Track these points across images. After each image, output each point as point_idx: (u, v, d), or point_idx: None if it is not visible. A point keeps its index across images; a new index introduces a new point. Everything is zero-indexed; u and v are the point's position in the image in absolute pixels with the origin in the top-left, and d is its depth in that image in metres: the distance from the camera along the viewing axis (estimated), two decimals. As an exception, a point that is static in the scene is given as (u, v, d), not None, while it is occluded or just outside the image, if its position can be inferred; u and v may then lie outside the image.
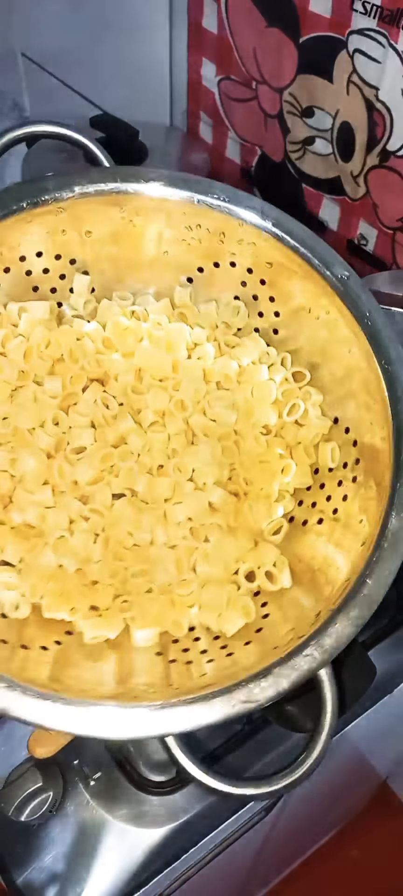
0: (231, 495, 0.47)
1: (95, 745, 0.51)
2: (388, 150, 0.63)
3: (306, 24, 0.63)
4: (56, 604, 0.41)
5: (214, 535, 0.45)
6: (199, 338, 0.52)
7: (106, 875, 0.47)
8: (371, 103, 0.62)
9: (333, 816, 1.09)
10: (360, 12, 0.58)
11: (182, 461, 0.47)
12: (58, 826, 0.48)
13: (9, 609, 0.41)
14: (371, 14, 0.57)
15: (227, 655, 0.40)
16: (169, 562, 0.44)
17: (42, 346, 0.49)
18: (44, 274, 0.50)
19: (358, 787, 1.07)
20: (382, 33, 0.57)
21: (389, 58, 0.58)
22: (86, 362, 0.49)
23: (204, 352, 0.51)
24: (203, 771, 0.37)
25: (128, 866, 0.48)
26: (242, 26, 0.70)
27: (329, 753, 0.38)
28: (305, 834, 1.01)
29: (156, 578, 0.43)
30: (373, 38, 0.58)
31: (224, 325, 0.52)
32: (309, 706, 0.49)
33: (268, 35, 0.67)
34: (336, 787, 0.86)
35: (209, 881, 0.63)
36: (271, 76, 0.70)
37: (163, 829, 0.49)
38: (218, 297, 0.53)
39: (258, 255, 0.49)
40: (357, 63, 0.61)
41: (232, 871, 0.75)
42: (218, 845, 0.55)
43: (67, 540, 0.44)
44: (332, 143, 0.68)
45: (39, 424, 0.46)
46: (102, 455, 0.46)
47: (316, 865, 1.13)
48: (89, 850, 0.48)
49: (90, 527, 0.44)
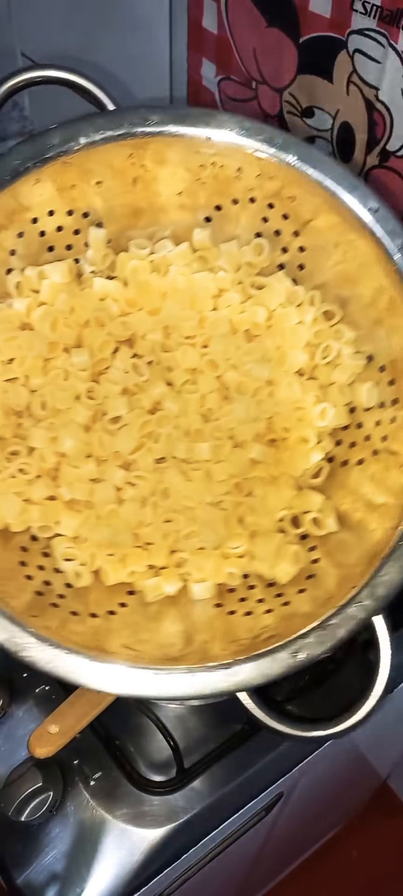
0: (270, 447, 0.47)
1: (95, 744, 0.51)
2: (388, 151, 0.63)
3: (306, 24, 0.63)
4: (115, 570, 0.43)
5: (257, 487, 0.45)
6: (224, 284, 0.50)
7: (106, 875, 0.47)
8: (371, 103, 0.62)
9: (333, 816, 1.09)
10: (360, 12, 0.58)
11: (219, 424, 0.46)
12: (58, 826, 0.48)
13: (72, 578, 0.43)
14: (371, 14, 0.57)
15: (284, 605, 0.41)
16: (217, 522, 0.44)
17: (67, 314, 0.48)
18: (57, 232, 0.48)
19: (358, 787, 1.07)
20: (382, 33, 0.57)
21: (389, 58, 0.58)
22: (113, 326, 0.48)
23: (230, 300, 0.50)
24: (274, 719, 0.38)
25: (128, 866, 0.48)
26: (242, 26, 0.70)
27: (329, 753, 0.38)
28: (305, 834, 1.01)
29: (206, 539, 0.44)
30: (373, 38, 0.58)
31: (247, 266, 0.50)
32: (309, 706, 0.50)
33: (268, 35, 0.67)
34: (337, 787, 0.86)
35: (209, 881, 0.63)
36: (271, 76, 0.70)
37: (163, 829, 0.49)
38: (240, 234, 0.51)
39: (280, 189, 0.47)
40: (357, 63, 0.61)
41: (232, 871, 0.75)
42: (218, 845, 0.55)
43: (118, 511, 0.44)
44: (332, 143, 0.68)
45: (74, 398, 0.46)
46: (140, 423, 0.46)
47: (315, 865, 1.13)
48: (89, 850, 0.48)
49: (137, 493, 0.45)
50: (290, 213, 0.48)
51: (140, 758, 0.52)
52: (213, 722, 0.54)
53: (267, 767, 0.53)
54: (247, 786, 0.53)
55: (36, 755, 0.44)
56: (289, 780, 0.56)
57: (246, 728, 0.53)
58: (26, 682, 0.54)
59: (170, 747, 0.52)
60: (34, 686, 0.53)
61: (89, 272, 0.50)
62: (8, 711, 0.52)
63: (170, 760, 0.52)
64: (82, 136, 0.45)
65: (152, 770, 0.51)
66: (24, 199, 0.46)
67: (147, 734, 0.53)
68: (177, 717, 0.53)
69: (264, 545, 0.44)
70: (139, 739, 0.53)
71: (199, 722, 0.54)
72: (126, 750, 0.52)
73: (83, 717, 0.47)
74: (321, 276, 0.49)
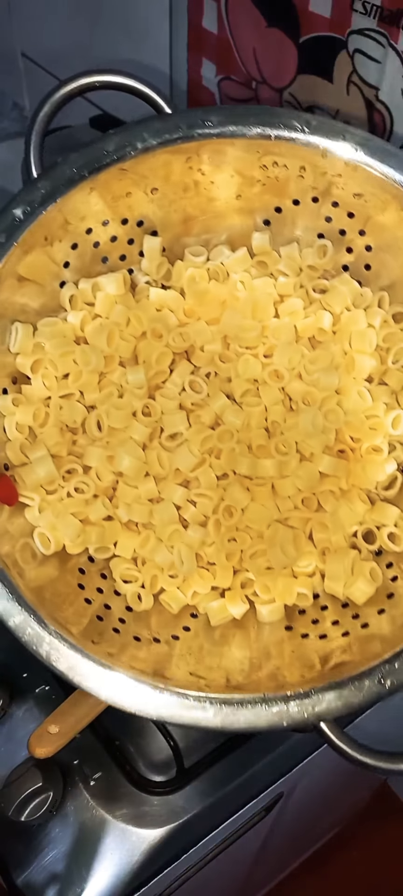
0: (340, 459, 0.44)
1: (95, 744, 0.51)
2: (388, 150, 0.63)
3: (306, 24, 0.63)
4: (176, 593, 0.41)
5: (327, 502, 0.43)
6: (286, 289, 0.48)
7: (106, 875, 0.47)
8: (371, 103, 0.61)
9: (333, 817, 1.09)
10: (360, 12, 0.58)
11: (284, 439, 0.44)
12: (58, 826, 0.48)
13: (131, 600, 0.41)
14: (371, 14, 0.57)
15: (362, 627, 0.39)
16: (286, 541, 0.42)
17: (123, 326, 0.46)
18: (112, 243, 0.47)
19: (358, 787, 1.07)
20: (382, 33, 0.57)
21: (389, 58, 0.58)
22: (171, 338, 0.46)
23: (293, 307, 0.47)
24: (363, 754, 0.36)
25: (128, 866, 0.48)
26: (242, 26, 0.70)
27: (329, 754, 0.38)
28: (305, 834, 1.01)
29: (274, 559, 0.42)
30: (373, 38, 0.58)
31: (309, 269, 0.48)
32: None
33: (268, 35, 0.67)
34: (337, 787, 0.86)
35: (209, 881, 0.63)
36: (271, 76, 0.70)
37: (163, 829, 0.49)
38: (300, 237, 0.49)
39: (345, 186, 0.45)
40: (357, 63, 0.61)
41: (232, 871, 0.75)
42: (219, 845, 0.55)
43: (180, 532, 0.43)
44: (332, 143, 0.68)
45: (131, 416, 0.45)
46: (201, 440, 0.44)
47: (315, 866, 1.13)
48: (89, 850, 0.48)
49: (198, 512, 0.43)
50: (356, 212, 0.46)
51: (140, 758, 0.52)
52: (213, 722, 0.54)
53: (267, 767, 0.53)
54: (247, 786, 0.53)
55: (36, 755, 0.44)
56: (289, 780, 0.56)
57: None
58: (26, 682, 0.54)
59: (170, 747, 0.52)
60: (34, 686, 0.53)
61: (144, 282, 0.49)
62: (8, 711, 0.52)
63: (170, 760, 0.52)
64: (139, 140, 0.44)
65: (152, 770, 0.51)
66: (78, 210, 0.44)
67: (147, 734, 0.53)
68: (177, 717, 0.54)
69: (337, 563, 0.41)
70: (139, 739, 0.53)
71: (199, 722, 0.54)
72: (126, 750, 0.52)
73: (83, 718, 0.47)
74: (389, 276, 0.47)
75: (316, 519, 0.43)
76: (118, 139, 0.44)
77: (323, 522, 0.43)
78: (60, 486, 0.44)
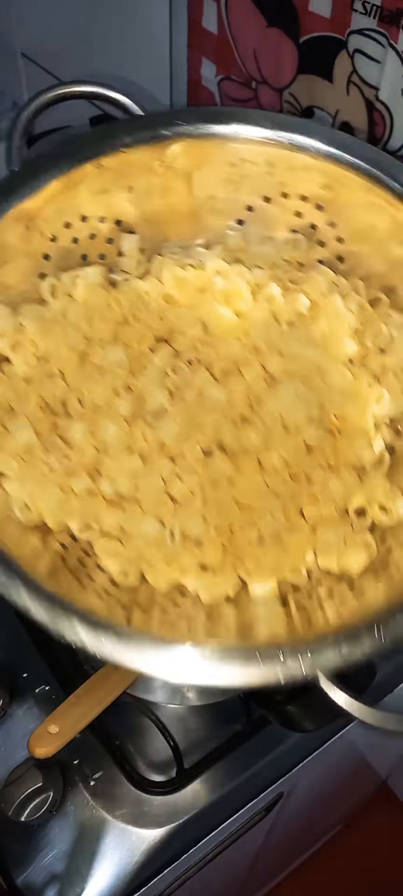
0: (326, 433, 0.44)
1: (95, 744, 0.51)
2: (388, 150, 0.63)
3: (306, 24, 0.63)
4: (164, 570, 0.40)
5: (316, 476, 0.43)
6: (261, 280, 0.48)
7: (106, 875, 0.47)
8: (371, 103, 0.62)
9: (333, 816, 1.09)
10: (360, 12, 0.58)
11: (265, 409, 0.44)
12: (58, 826, 0.48)
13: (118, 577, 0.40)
14: (371, 14, 0.57)
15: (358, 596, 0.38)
16: (275, 509, 0.41)
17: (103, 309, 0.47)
18: (90, 240, 0.48)
19: (358, 787, 1.07)
20: (382, 33, 0.57)
21: (389, 58, 0.58)
22: (151, 320, 0.46)
23: (270, 293, 0.48)
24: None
25: (128, 866, 0.48)
26: (242, 26, 0.70)
27: (329, 754, 0.38)
28: (305, 834, 1.01)
29: (264, 528, 0.41)
30: (373, 38, 0.58)
31: (284, 263, 0.49)
32: (309, 706, 0.50)
33: (268, 35, 0.67)
34: (336, 787, 0.86)
35: (209, 881, 0.63)
36: (271, 76, 0.70)
37: (163, 829, 0.49)
38: (273, 234, 0.49)
39: (312, 179, 0.46)
40: (357, 63, 0.61)
41: (232, 871, 0.75)
42: (218, 845, 0.55)
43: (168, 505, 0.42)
44: (332, 143, 0.68)
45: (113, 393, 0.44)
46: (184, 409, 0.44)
47: (315, 865, 1.13)
48: (89, 850, 0.48)
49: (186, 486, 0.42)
50: (325, 204, 0.46)
51: (140, 758, 0.52)
52: (213, 722, 0.54)
53: (267, 767, 0.53)
54: (247, 786, 0.53)
55: (36, 755, 0.44)
56: (289, 780, 0.56)
57: (246, 728, 0.53)
58: (26, 681, 0.54)
59: (170, 747, 0.52)
60: (34, 686, 0.53)
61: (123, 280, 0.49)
62: (8, 711, 0.52)
63: (170, 760, 0.52)
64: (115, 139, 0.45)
65: (152, 770, 0.51)
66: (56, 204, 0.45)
67: (147, 734, 0.53)
68: (177, 717, 0.53)
69: (329, 533, 0.41)
70: (139, 739, 0.53)
71: (199, 722, 0.54)
72: (126, 750, 0.52)
73: (83, 718, 0.47)
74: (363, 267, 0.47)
75: (306, 491, 0.43)
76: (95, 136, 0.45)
77: (313, 494, 0.42)
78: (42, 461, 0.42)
